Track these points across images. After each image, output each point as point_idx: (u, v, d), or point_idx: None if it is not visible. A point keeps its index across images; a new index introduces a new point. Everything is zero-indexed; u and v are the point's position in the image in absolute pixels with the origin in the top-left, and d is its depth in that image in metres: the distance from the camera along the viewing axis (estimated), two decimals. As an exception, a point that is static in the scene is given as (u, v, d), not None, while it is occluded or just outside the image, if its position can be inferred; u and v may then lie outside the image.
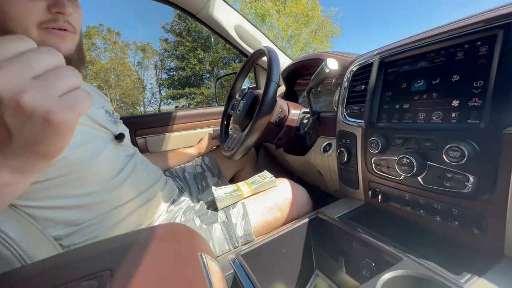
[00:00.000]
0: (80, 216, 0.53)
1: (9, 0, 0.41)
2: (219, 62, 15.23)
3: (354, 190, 0.65)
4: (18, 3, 0.42)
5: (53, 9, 0.44)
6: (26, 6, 0.42)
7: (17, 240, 0.41)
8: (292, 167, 1.07)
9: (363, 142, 0.59)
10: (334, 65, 0.62)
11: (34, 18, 0.43)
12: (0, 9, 0.42)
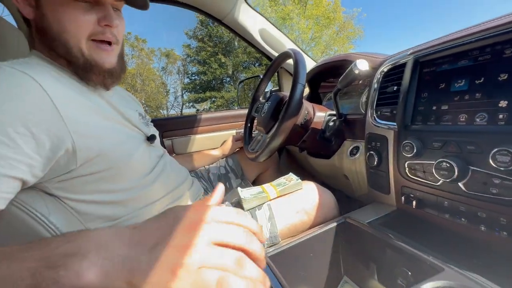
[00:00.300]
0: (116, 211, 0.56)
1: (66, 14, 0.46)
2: (239, 66, 15.46)
3: (384, 195, 0.62)
4: (74, 16, 0.46)
5: (102, 22, 0.49)
6: (80, 19, 0.47)
7: (59, 225, 0.44)
8: (316, 171, 1.05)
9: (395, 145, 0.56)
10: (365, 66, 0.60)
11: (86, 30, 0.47)
12: (58, 22, 0.46)
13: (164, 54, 16.85)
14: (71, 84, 0.50)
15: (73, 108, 0.45)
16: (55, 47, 0.48)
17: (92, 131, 0.47)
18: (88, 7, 0.48)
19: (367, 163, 0.65)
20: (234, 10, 1.04)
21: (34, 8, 0.47)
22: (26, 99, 0.39)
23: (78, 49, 0.48)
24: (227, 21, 1.07)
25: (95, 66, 0.50)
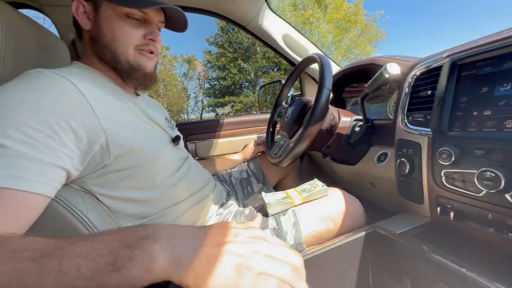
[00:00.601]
0: (144, 210, 0.58)
1: (119, 28, 0.53)
2: (258, 71, 15.60)
3: (417, 205, 0.59)
4: (125, 30, 0.54)
5: (148, 37, 0.56)
6: (130, 32, 0.54)
7: (99, 229, 0.46)
8: (340, 177, 1.02)
9: (430, 152, 0.53)
10: (396, 70, 0.58)
11: (134, 42, 0.55)
12: (110, 32, 0.53)
13: (185, 61, 17.46)
14: (106, 88, 0.55)
15: (106, 107, 0.49)
16: (103, 54, 0.55)
17: (123, 128, 0.51)
18: (138, 24, 0.56)
19: (397, 171, 0.63)
20: (258, 16, 1.05)
21: (91, 21, 0.54)
22: (65, 97, 0.42)
23: (125, 56, 0.55)
24: (251, 27, 1.09)
25: (138, 69, 0.57)
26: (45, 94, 0.40)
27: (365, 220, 0.66)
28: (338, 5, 16.13)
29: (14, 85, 0.41)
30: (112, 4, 0.53)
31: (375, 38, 17.21)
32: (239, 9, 1.02)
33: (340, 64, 1.15)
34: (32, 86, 0.40)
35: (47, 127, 0.38)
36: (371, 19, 16.88)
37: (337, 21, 16.25)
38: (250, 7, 1.02)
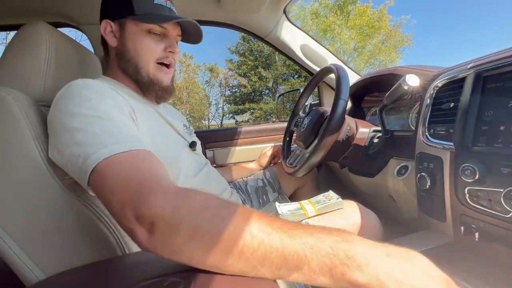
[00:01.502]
0: None
1: (142, 42, 0.58)
2: (278, 78, 15.68)
3: (439, 223, 0.56)
4: (147, 44, 0.59)
5: (167, 49, 0.61)
6: (152, 46, 0.59)
7: (122, 233, 0.50)
8: (358, 189, 1.00)
9: (452, 167, 0.51)
10: (415, 82, 0.57)
11: (155, 55, 0.60)
12: (134, 47, 0.59)
13: (208, 69, 18.05)
14: (132, 95, 0.59)
15: (137, 111, 0.53)
16: (127, 67, 0.60)
17: (148, 130, 0.55)
18: (158, 38, 0.60)
19: (418, 186, 0.60)
20: (277, 28, 1.08)
21: (117, 39, 0.60)
22: (115, 96, 0.49)
23: (146, 70, 0.60)
24: (269, 39, 1.11)
25: (156, 83, 0.62)
26: (101, 95, 0.47)
27: (382, 236, 0.64)
28: (361, 11, 15.84)
29: (75, 96, 0.46)
30: (135, 21, 0.58)
31: (401, 44, 16.60)
32: (258, 21, 1.05)
33: (363, 71, 1.13)
34: (89, 92, 0.46)
35: (113, 112, 0.45)
36: (397, 24, 16.34)
37: (360, 28, 15.94)
38: (269, 19, 1.05)
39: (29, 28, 0.58)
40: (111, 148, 0.38)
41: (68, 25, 0.98)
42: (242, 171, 1.07)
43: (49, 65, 0.58)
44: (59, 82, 0.61)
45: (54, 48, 0.59)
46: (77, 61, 0.68)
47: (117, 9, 0.58)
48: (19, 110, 0.49)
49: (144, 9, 0.57)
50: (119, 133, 0.41)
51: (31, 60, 0.56)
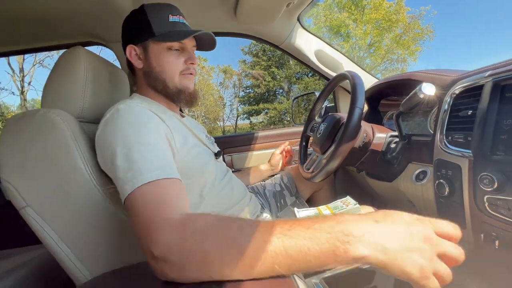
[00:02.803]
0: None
1: (165, 60, 0.64)
2: (292, 77, 15.57)
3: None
4: (170, 60, 0.65)
5: (188, 61, 0.67)
6: (174, 61, 0.65)
7: None
8: (376, 193, 1.00)
9: (471, 175, 0.51)
10: (431, 91, 0.57)
11: (178, 68, 0.66)
12: (159, 66, 0.64)
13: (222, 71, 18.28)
14: (162, 112, 0.64)
15: (173, 128, 0.59)
16: (156, 85, 0.66)
17: (182, 144, 0.60)
18: (178, 53, 0.66)
19: (436, 192, 0.60)
20: (291, 35, 1.10)
21: (142, 60, 0.66)
22: (153, 119, 0.54)
23: (173, 83, 0.66)
24: (284, 46, 1.14)
25: (183, 91, 0.68)
26: (141, 120, 0.52)
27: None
28: (377, 5, 15.33)
29: (121, 120, 0.52)
30: (156, 42, 0.63)
31: (421, 36, 15.88)
32: (272, 30, 1.08)
33: (380, 66, 1.13)
34: (133, 117, 0.52)
35: (151, 142, 0.50)
36: (415, 16, 15.65)
37: (376, 22, 15.44)
38: (283, 28, 1.08)
39: (69, 53, 0.65)
40: (145, 176, 0.43)
41: (98, 43, 1.07)
42: (255, 173, 1.09)
43: (87, 85, 0.65)
44: (95, 99, 0.68)
45: (91, 70, 0.66)
46: (108, 78, 0.75)
47: (138, 34, 0.64)
48: (66, 128, 0.56)
49: (163, 29, 0.63)
50: (153, 161, 0.46)
51: (72, 82, 0.64)
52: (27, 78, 11.16)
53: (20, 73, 10.81)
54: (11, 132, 0.57)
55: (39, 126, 0.56)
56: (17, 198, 0.54)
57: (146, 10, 0.63)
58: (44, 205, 0.54)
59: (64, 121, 0.56)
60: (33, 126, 0.56)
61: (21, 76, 10.89)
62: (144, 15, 0.63)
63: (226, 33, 1.13)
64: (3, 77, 28.54)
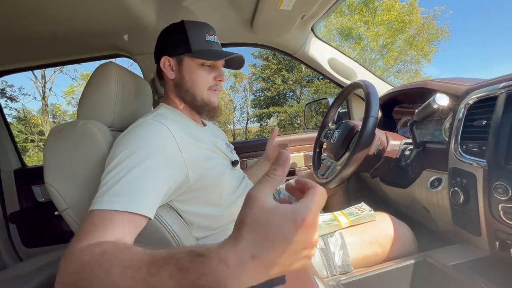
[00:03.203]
0: (211, 223, 0.70)
1: (197, 75, 0.68)
2: (302, 80, 15.53)
3: (474, 237, 0.57)
4: (202, 76, 0.69)
5: (217, 78, 0.71)
6: (205, 77, 0.69)
7: (177, 231, 0.59)
8: (390, 199, 1.01)
9: (485, 184, 0.53)
10: (444, 102, 0.59)
11: (208, 84, 0.70)
12: (191, 79, 0.69)
13: (232, 75, 18.51)
14: (185, 125, 0.69)
15: (188, 145, 0.62)
16: (184, 96, 0.70)
17: (197, 159, 0.64)
18: (209, 70, 0.70)
19: (451, 200, 0.62)
20: (305, 44, 1.13)
21: (175, 72, 0.70)
22: (165, 142, 0.57)
23: (201, 96, 0.70)
24: (298, 55, 1.17)
25: (209, 105, 0.72)
26: (154, 140, 0.56)
27: (416, 247, 0.66)
28: (389, 6, 15.10)
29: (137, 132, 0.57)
30: (192, 57, 0.68)
31: (435, 37, 15.48)
32: (287, 40, 1.12)
33: (393, 68, 1.13)
34: (144, 134, 0.56)
35: (156, 163, 0.52)
36: (430, 16, 15.28)
37: (389, 23, 15.19)
38: (297, 38, 1.12)
39: (102, 68, 0.72)
40: (104, 202, 0.44)
41: (124, 56, 1.15)
42: (258, 171, 1.05)
43: (117, 97, 0.71)
44: (123, 110, 0.74)
45: (121, 83, 0.72)
46: (135, 89, 0.80)
47: (176, 48, 0.69)
48: (102, 138, 0.62)
49: (199, 47, 0.67)
50: (126, 190, 0.47)
51: (105, 94, 0.70)
52: (48, 84, 11.74)
53: (42, 80, 11.39)
54: (54, 141, 0.63)
55: (79, 136, 0.62)
56: (59, 201, 0.60)
57: (186, 27, 0.68)
58: (83, 207, 0.60)
59: (100, 131, 0.62)
60: (74, 136, 0.62)
61: (43, 83, 11.46)
62: (184, 30, 0.67)
63: (242, 43, 1.17)
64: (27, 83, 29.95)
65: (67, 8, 0.79)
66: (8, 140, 1.32)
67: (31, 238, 1.31)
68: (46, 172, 0.61)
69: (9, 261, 1.28)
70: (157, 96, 1.16)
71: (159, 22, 0.96)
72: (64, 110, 15.01)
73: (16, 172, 1.31)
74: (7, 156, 1.32)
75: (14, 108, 11.94)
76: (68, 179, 0.61)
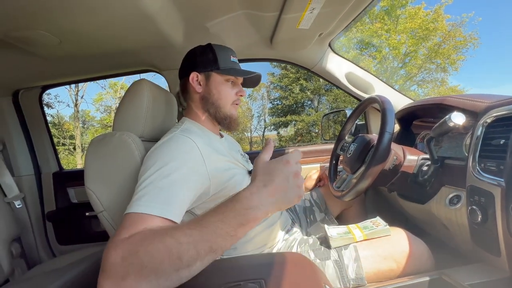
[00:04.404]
0: None
1: (223, 89, 0.77)
2: (320, 89, 15.43)
3: (493, 257, 0.57)
4: (227, 91, 0.77)
5: (239, 94, 0.80)
6: (230, 92, 0.78)
7: None
8: (408, 214, 0.99)
9: (503, 204, 0.52)
10: (460, 120, 0.60)
11: (232, 98, 0.78)
12: (217, 93, 0.76)
13: (251, 83, 18.83)
14: (207, 138, 0.74)
15: (210, 157, 0.67)
16: (209, 108, 0.78)
17: (219, 171, 0.68)
18: (232, 85, 0.79)
19: (469, 218, 0.61)
20: (322, 59, 1.17)
21: (202, 86, 0.77)
22: (192, 155, 0.62)
23: (225, 110, 0.78)
24: (316, 70, 1.21)
25: (231, 117, 0.79)
26: (181, 154, 0.61)
27: (432, 264, 0.65)
28: (412, 13, 14.72)
29: (167, 145, 0.63)
30: (219, 74, 0.76)
31: (463, 44, 14.78)
32: (305, 55, 1.17)
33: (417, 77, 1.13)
34: (174, 147, 0.62)
35: (182, 175, 0.57)
36: (457, 23, 14.66)
37: (412, 31, 14.78)
38: (315, 53, 1.16)
39: (136, 84, 0.80)
40: (142, 206, 0.49)
41: (153, 71, 1.25)
42: None
43: (148, 111, 0.79)
44: (153, 122, 0.82)
45: (152, 98, 0.80)
46: (163, 102, 0.88)
47: (205, 65, 0.77)
48: (135, 147, 0.69)
49: (226, 65, 0.76)
50: (160, 198, 0.52)
51: (137, 108, 0.78)
52: (80, 92, 12.65)
53: (75, 88, 12.30)
54: (94, 149, 0.71)
55: (116, 146, 0.69)
56: (97, 204, 0.67)
57: (214, 48, 0.77)
58: (116, 210, 0.67)
59: (134, 142, 0.70)
60: (111, 145, 0.70)
61: (76, 91, 12.37)
62: (213, 51, 0.77)
63: (262, 58, 1.24)
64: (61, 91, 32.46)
65: (108, 29, 0.89)
66: (49, 145, 1.47)
67: (65, 236, 1.43)
68: (87, 177, 0.69)
69: (44, 256, 1.40)
70: (181, 108, 1.25)
71: (186, 41, 1.05)
72: (93, 116, 16.05)
73: (55, 174, 1.45)
74: (48, 160, 1.46)
75: (50, 114, 12.97)
76: (104, 184, 0.68)
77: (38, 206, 1.41)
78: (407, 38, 14.97)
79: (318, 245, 0.75)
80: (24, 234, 1.35)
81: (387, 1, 14.92)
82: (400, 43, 15.08)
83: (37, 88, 1.37)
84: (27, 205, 1.37)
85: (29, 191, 1.39)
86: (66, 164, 12.46)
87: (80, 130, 13.29)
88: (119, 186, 0.67)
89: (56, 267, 1.13)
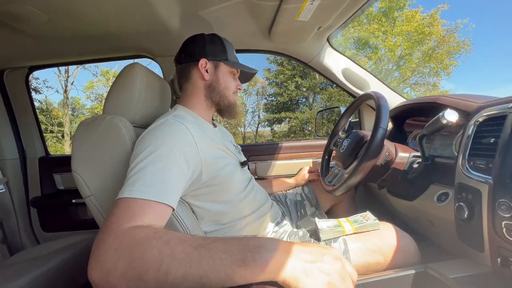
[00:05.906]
0: (219, 219, 0.73)
1: (229, 80, 0.80)
2: (316, 87, 15.48)
3: (477, 252, 0.58)
4: (232, 81, 0.81)
5: (238, 86, 0.84)
6: (233, 83, 0.81)
7: (188, 224, 0.63)
8: (396, 210, 1.01)
9: (490, 201, 0.54)
10: (454, 118, 0.61)
11: (233, 89, 0.82)
12: (224, 83, 0.79)
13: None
14: (200, 126, 0.73)
15: (203, 143, 0.66)
16: (214, 95, 0.79)
17: (211, 158, 0.68)
18: (234, 78, 0.83)
19: (456, 214, 0.63)
20: (320, 54, 1.17)
21: (210, 74, 0.78)
22: (184, 140, 0.61)
23: (228, 98, 0.80)
24: (313, 64, 1.21)
25: (232, 104, 0.82)
26: (173, 138, 0.60)
27: (418, 258, 0.67)
28: (409, 17, 14.86)
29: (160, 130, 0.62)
30: (227, 65, 0.79)
31: (456, 50, 15.07)
32: (302, 49, 1.16)
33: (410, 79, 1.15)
34: (167, 131, 0.61)
35: (176, 159, 0.56)
36: (451, 29, 14.91)
37: (408, 34, 14.94)
38: (313, 47, 1.15)
39: (128, 68, 0.77)
40: (135, 191, 0.48)
41: (147, 57, 1.21)
42: (281, 185, 1.16)
43: (140, 95, 0.76)
44: (145, 107, 0.79)
45: (145, 82, 0.77)
46: (156, 89, 0.86)
47: (215, 54, 0.77)
48: (126, 132, 0.67)
49: (232, 58, 0.80)
50: (155, 182, 0.50)
51: (129, 92, 0.75)
52: (70, 79, 12.27)
53: (65, 74, 11.92)
54: (83, 132, 0.69)
55: (105, 130, 0.67)
56: (84, 188, 0.65)
57: (222, 39, 0.80)
58: (105, 196, 0.65)
59: (125, 126, 0.68)
60: (101, 129, 0.68)
61: (66, 77, 11.99)
62: (222, 42, 0.79)
63: (259, 50, 1.22)
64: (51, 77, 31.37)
65: (99, 10, 0.86)
66: (36, 129, 1.42)
67: (49, 223, 1.39)
68: (74, 160, 0.67)
69: (27, 243, 1.36)
70: (175, 96, 1.22)
71: (182, 28, 1.02)
72: (83, 104, 15.63)
73: (41, 159, 1.40)
74: (34, 144, 1.42)
75: (38, 99, 12.55)
76: (92, 168, 0.66)
77: (22, 191, 1.36)
78: (403, 41, 15.14)
79: (308, 237, 0.76)
80: (6, 219, 1.31)
81: (386, 2, 14.98)
82: (396, 46, 15.24)
83: (24, 68, 1.31)
84: (10, 190, 1.32)
85: (13, 175, 1.34)
86: (54, 152, 12.13)
87: (69, 118, 12.93)
88: (107, 171, 0.65)
89: (40, 254, 1.10)
